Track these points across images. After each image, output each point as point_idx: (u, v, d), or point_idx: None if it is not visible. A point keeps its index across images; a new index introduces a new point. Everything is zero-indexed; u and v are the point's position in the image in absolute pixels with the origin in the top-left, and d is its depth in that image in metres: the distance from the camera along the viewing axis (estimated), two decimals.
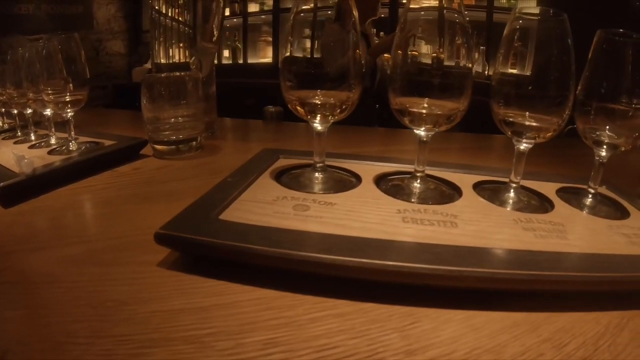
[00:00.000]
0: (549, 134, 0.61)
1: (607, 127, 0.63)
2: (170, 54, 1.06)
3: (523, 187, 0.70)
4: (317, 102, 0.64)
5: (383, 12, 3.48)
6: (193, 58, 1.05)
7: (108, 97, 5.59)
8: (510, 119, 0.62)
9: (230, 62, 4.39)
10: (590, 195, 0.68)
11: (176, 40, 1.06)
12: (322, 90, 0.64)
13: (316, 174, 0.69)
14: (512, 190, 0.67)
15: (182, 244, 0.47)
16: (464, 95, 0.61)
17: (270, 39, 4.14)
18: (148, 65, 5.29)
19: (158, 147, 0.91)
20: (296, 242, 0.46)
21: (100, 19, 5.65)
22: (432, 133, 0.64)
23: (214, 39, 1.08)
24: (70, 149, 0.87)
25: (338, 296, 0.42)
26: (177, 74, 0.95)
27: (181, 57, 1.08)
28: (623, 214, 0.65)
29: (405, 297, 0.43)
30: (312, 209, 0.56)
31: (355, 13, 0.63)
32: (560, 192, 0.72)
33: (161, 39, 1.05)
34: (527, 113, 0.61)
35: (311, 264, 0.43)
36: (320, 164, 0.69)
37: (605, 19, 2.87)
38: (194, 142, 0.94)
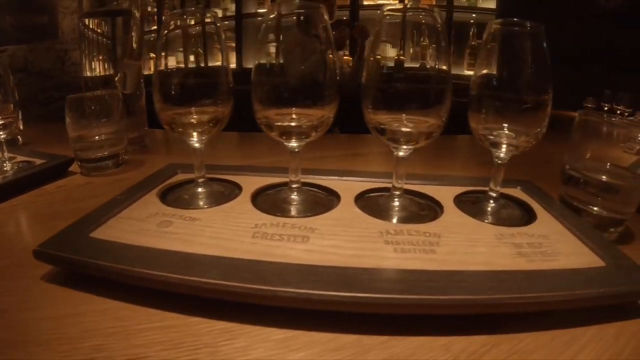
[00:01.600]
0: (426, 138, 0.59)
1: (505, 125, 0.61)
2: (94, 67, 1.08)
3: (412, 193, 0.70)
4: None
5: (344, 15, 3.52)
6: (118, 74, 1.07)
7: None
8: (383, 126, 0.59)
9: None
10: (491, 200, 0.66)
11: (103, 54, 1.07)
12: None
13: (199, 189, 0.72)
14: (395, 199, 0.65)
15: (53, 260, 0.52)
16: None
17: (234, 44, 4.13)
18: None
19: (83, 164, 0.95)
20: (136, 258, 0.49)
21: (65, 28, 5.57)
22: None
23: (135, 54, 1.09)
24: (5, 169, 0.91)
25: (169, 309, 0.46)
26: (98, 92, 0.99)
27: (102, 71, 1.12)
28: (529, 219, 0.64)
29: (230, 313, 0.45)
30: (173, 225, 0.58)
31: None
32: (461, 197, 0.70)
33: (86, 52, 1.06)
34: (404, 115, 0.58)
35: (144, 280, 0.47)
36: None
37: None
38: (116, 159, 0.98)
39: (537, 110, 0.60)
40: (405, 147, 0.60)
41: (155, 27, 4.88)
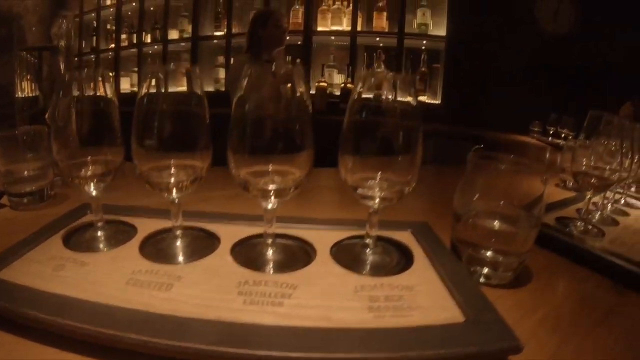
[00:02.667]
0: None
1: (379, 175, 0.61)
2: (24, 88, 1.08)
3: (291, 238, 0.68)
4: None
5: (298, 39, 3.56)
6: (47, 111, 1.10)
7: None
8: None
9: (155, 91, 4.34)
10: (367, 247, 0.65)
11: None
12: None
13: (99, 233, 0.70)
14: (268, 247, 0.64)
15: None
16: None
17: (189, 66, 4.11)
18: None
19: (11, 198, 0.95)
20: (27, 299, 0.50)
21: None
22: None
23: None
24: None
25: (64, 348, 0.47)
26: (27, 127, 0.98)
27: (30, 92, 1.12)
28: (404, 266, 0.62)
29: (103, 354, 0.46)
30: (65, 268, 0.58)
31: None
32: (341, 242, 0.68)
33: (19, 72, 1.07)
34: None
35: (30, 320, 0.48)
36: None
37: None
38: (42, 194, 0.98)
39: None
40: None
41: (113, 46, 4.82)
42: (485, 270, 0.64)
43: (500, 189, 0.67)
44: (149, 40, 4.48)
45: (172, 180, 0.63)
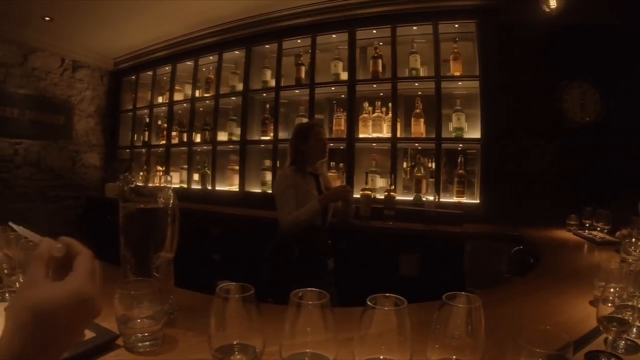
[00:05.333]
0: None
1: None
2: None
3: None
4: None
5: (341, 144, 3.84)
6: (156, 265, 1.24)
7: (81, 207, 5.86)
8: None
9: (200, 187, 4.67)
10: None
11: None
12: None
13: None
14: None
15: None
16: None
17: (237, 167, 4.43)
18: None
19: (126, 340, 1.08)
20: None
21: (79, 130, 6.01)
22: None
23: (169, 248, 1.26)
24: None
25: None
26: (141, 279, 1.14)
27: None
28: None
29: None
30: None
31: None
32: None
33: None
34: None
35: None
36: None
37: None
38: (154, 338, 1.09)
39: None
40: None
41: (164, 142, 5.18)
42: None
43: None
44: (198, 140, 4.84)
45: None
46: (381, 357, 0.72)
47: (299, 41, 4.33)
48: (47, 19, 4.72)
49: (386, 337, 0.73)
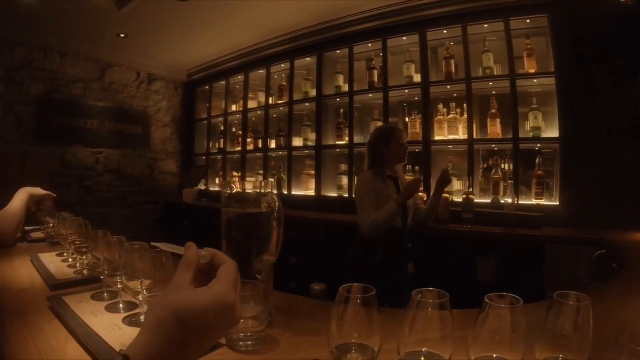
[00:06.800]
0: None
1: None
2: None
3: None
4: None
5: (417, 147, 3.94)
6: (258, 268, 1.27)
7: (158, 211, 6.25)
8: None
9: (275, 191, 4.86)
10: None
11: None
12: None
13: None
14: None
15: None
16: None
17: (313, 172, 4.62)
18: (198, 187, 5.94)
19: (229, 338, 1.11)
20: None
21: (156, 139, 6.42)
22: None
23: (272, 252, 1.28)
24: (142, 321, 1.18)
25: None
26: (245, 280, 1.12)
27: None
28: None
29: None
30: None
31: None
32: None
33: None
34: None
35: None
36: None
37: None
38: (257, 337, 1.12)
39: None
40: None
41: (239, 148, 5.44)
42: None
43: None
44: (273, 145, 5.06)
45: None
46: (494, 356, 0.74)
47: (369, 45, 4.44)
48: (121, 35, 5.15)
49: (500, 336, 0.75)
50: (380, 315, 0.80)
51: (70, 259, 1.93)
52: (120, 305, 1.33)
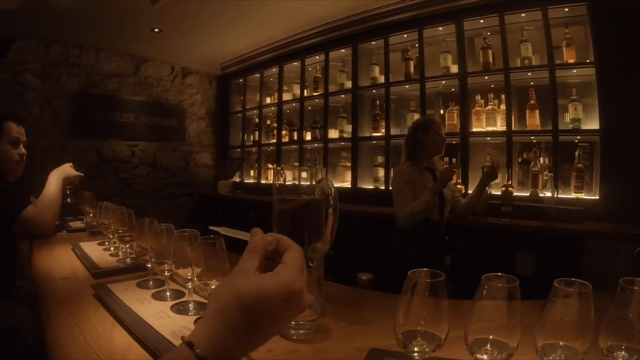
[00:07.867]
0: None
1: None
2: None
3: None
4: None
5: (454, 140, 3.96)
6: (311, 257, 1.22)
7: (194, 204, 6.42)
8: None
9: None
10: None
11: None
12: None
13: None
14: None
15: None
16: None
17: (349, 164, 4.72)
18: (232, 180, 6.11)
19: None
20: None
21: (191, 132, 6.58)
22: None
23: (327, 241, 1.25)
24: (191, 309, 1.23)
25: None
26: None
27: None
28: None
29: None
30: None
31: None
32: None
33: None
34: None
35: None
36: None
37: None
38: (312, 327, 1.13)
39: None
40: None
41: (274, 140, 5.54)
42: None
43: None
44: (308, 138, 5.15)
45: None
46: (561, 343, 0.74)
47: (405, 36, 4.46)
48: (156, 30, 5.29)
49: (568, 323, 0.74)
50: (449, 302, 0.79)
51: (112, 248, 2.01)
52: (168, 293, 1.37)
